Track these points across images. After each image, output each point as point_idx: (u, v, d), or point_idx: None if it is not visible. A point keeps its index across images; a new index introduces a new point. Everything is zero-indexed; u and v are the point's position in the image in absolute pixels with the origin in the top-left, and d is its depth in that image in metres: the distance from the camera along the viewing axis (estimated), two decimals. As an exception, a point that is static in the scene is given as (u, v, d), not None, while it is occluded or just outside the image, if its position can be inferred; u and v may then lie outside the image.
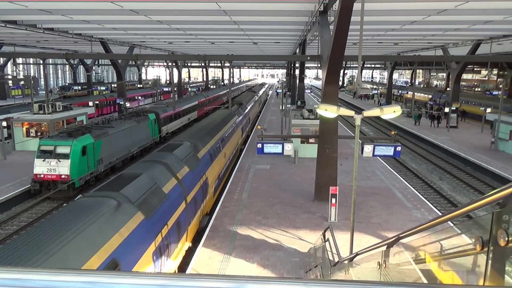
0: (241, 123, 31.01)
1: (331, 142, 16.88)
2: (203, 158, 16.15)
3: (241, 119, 31.35)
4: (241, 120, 31.26)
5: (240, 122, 30.21)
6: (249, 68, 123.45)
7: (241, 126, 30.90)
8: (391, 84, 62.67)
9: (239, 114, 31.11)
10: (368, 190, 19.31)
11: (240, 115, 31.35)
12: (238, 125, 28.95)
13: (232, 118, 27.72)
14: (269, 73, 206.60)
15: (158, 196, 10.64)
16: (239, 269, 11.74)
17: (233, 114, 29.21)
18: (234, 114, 29.66)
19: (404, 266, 3.59)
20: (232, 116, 28.32)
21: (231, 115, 28.24)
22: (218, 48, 43.32)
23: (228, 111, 28.91)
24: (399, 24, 23.18)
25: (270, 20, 22.10)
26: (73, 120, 31.39)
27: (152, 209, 9.90)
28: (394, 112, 9.33)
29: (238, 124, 29.04)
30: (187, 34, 29.38)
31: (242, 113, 33.08)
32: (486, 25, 22.70)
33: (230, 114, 28.16)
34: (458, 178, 23.73)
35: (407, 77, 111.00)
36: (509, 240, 1.77)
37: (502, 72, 63.83)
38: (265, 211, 16.36)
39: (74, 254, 6.86)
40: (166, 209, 10.67)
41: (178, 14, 20.35)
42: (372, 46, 37.97)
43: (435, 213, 16.37)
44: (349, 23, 13.18)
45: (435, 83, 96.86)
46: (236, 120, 28.83)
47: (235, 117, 29.14)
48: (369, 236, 13.83)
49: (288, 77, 72.68)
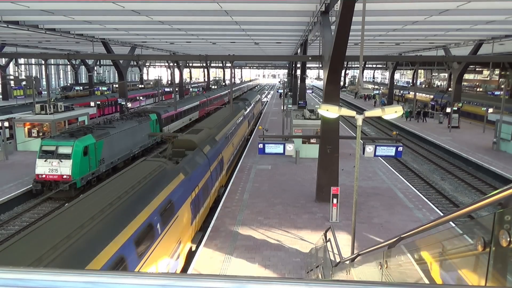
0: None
1: (332, 142, 16.87)
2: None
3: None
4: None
5: (246, 116, 33.85)
6: (251, 68, 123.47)
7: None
8: (393, 84, 62.59)
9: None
10: (370, 190, 19.29)
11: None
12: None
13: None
14: (270, 73, 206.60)
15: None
16: (240, 270, 11.74)
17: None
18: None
19: (406, 266, 3.58)
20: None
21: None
22: (220, 48, 43.35)
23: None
24: (400, 24, 23.15)
25: (272, 20, 22.10)
26: (74, 121, 31.43)
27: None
28: (395, 113, 9.32)
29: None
30: (189, 34, 29.40)
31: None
32: (488, 25, 22.66)
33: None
34: (460, 179, 23.69)
35: (409, 77, 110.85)
36: (511, 241, 1.76)
37: (504, 72, 63.70)
38: (267, 211, 16.36)
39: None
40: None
41: (180, 14, 20.37)
42: (373, 46, 37.93)
43: (436, 214, 16.34)
44: (351, 23, 13.18)
45: (436, 84, 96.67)
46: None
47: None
48: (371, 237, 13.81)
49: (289, 78, 72.68)
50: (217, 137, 19.34)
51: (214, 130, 20.11)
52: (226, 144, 20.71)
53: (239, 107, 32.77)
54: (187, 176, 12.85)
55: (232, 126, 24.52)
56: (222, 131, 21.21)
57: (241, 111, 31.86)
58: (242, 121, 30.24)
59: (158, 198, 10.35)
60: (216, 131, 20.18)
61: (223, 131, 21.47)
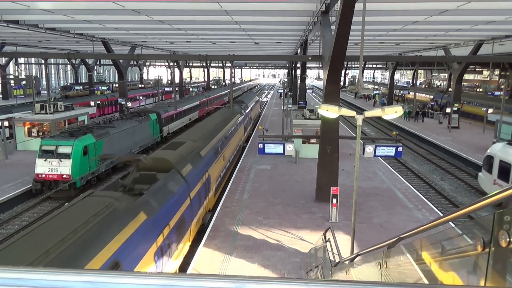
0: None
1: (332, 142, 16.87)
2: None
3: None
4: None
5: (242, 121, 30.56)
6: (251, 68, 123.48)
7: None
8: (393, 84, 62.59)
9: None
10: (370, 190, 19.29)
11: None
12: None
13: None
14: (270, 73, 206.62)
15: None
16: (240, 269, 11.74)
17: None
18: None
19: (405, 266, 3.59)
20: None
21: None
22: (220, 48, 43.34)
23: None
24: (400, 24, 23.15)
25: (272, 20, 22.09)
26: (74, 120, 31.43)
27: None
28: (395, 113, 9.32)
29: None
30: (189, 34, 29.39)
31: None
32: (488, 25, 22.66)
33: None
34: (459, 179, 23.69)
35: (409, 77, 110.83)
36: (510, 241, 1.76)
37: (504, 72, 63.70)
38: (266, 211, 16.36)
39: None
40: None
41: (180, 14, 20.36)
42: (373, 46, 37.92)
43: (436, 214, 16.34)
44: (351, 23, 13.18)
45: (436, 84, 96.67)
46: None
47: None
48: (370, 237, 13.81)
49: (289, 77, 72.69)
50: (203, 152, 16.12)
51: (200, 143, 16.72)
52: (215, 159, 17.54)
53: (234, 111, 29.47)
54: (153, 215, 9.56)
55: (223, 136, 21.10)
56: (210, 143, 17.93)
57: (236, 116, 28.76)
58: (237, 128, 27.21)
59: (93, 262, 7.05)
60: (202, 144, 16.86)
61: (212, 143, 18.20)
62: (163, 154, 13.58)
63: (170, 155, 13.39)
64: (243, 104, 36.20)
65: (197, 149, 15.71)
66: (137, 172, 11.26)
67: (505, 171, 18.01)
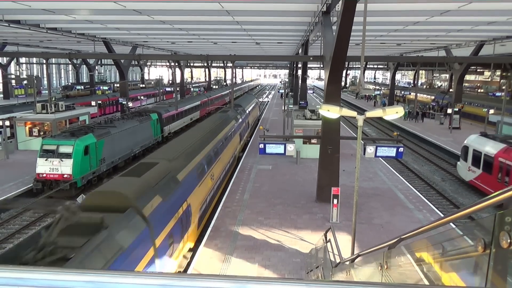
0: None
1: (333, 142, 16.86)
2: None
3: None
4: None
5: (237, 128, 26.87)
6: (252, 68, 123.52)
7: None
8: (394, 85, 62.55)
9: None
10: (370, 191, 19.28)
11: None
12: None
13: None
14: (271, 73, 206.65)
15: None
16: (240, 270, 11.74)
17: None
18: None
19: (406, 267, 3.58)
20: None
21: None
22: (221, 48, 43.35)
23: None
24: (402, 24, 23.13)
25: (273, 20, 22.10)
26: (75, 120, 31.47)
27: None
28: (396, 113, 9.32)
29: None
30: (190, 34, 29.41)
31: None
32: (489, 26, 22.63)
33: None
34: (460, 180, 23.66)
35: (410, 78, 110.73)
36: (511, 242, 1.76)
37: (505, 73, 63.58)
38: (267, 212, 16.36)
39: None
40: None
41: (181, 14, 20.38)
42: (374, 46, 37.90)
43: (437, 215, 16.32)
44: (352, 24, 13.17)
45: (438, 84, 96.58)
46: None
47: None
48: (371, 237, 13.81)
49: (290, 78, 72.68)
50: (181, 174, 12.57)
51: (178, 163, 13.13)
52: (198, 182, 14.01)
53: (228, 117, 25.49)
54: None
55: (212, 150, 17.61)
56: (193, 162, 14.22)
57: (231, 122, 24.96)
58: (231, 137, 23.50)
59: None
60: (181, 164, 13.23)
61: (195, 161, 14.48)
62: (119, 184, 9.94)
63: (129, 186, 9.78)
64: (240, 108, 32.29)
65: (172, 172, 12.19)
66: (66, 220, 6.94)
67: (477, 158, 20.98)
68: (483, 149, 20.64)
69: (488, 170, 20.03)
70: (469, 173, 21.97)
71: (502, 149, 19.35)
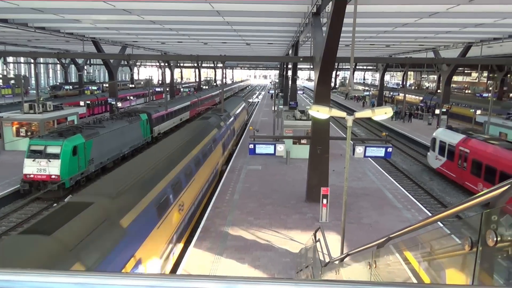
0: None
1: (322, 143, 16.94)
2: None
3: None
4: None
5: (220, 137, 23.00)
6: (242, 69, 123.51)
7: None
8: (383, 85, 63.07)
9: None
10: (359, 190, 19.41)
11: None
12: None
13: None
14: (261, 74, 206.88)
15: None
16: (230, 270, 11.73)
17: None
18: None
19: (394, 266, 3.62)
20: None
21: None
22: (211, 48, 43.28)
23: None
24: (391, 26, 23.34)
25: (263, 21, 22.12)
26: (64, 120, 31.11)
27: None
28: (385, 114, 9.39)
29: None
30: (180, 34, 29.30)
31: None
32: (477, 28, 22.95)
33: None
34: (448, 179, 23.94)
35: (399, 79, 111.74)
36: (497, 241, 1.79)
37: (492, 74, 64.53)
38: (257, 212, 16.37)
39: None
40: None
41: (171, 14, 20.29)
42: (364, 48, 38.17)
43: (425, 214, 16.49)
44: (342, 25, 13.25)
45: (426, 85, 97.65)
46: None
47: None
48: (360, 237, 13.89)
49: (280, 78, 72.83)
50: (127, 218, 9.03)
51: (122, 201, 9.41)
52: (156, 223, 10.40)
53: (209, 126, 21.85)
54: None
55: (182, 172, 13.77)
56: (148, 197, 10.42)
57: (211, 132, 21.15)
58: (211, 150, 19.61)
59: None
60: (128, 203, 9.52)
61: (152, 194, 10.69)
62: (9, 253, 6.52)
63: (24, 254, 6.50)
64: (224, 113, 28.67)
65: (113, 216, 8.70)
66: None
67: (442, 148, 23.88)
68: (447, 140, 23.54)
69: (451, 158, 22.96)
70: (436, 161, 24.88)
71: (462, 139, 22.20)
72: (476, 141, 21.29)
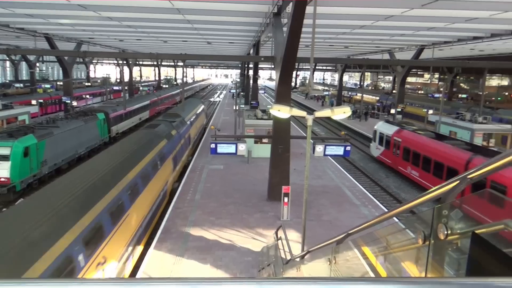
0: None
1: (284, 142, 17.12)
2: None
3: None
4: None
5: (170, 149, 19.06)
6: (203, 67, 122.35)
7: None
8: (342, 86, 64.61)
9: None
10: (319, 188, 19.79)
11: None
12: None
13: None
14: (223, 73, 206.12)
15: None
16: (192, 271, 11.61)
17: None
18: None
19: (353, 261, 3.71)
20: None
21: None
22: (171, 47, 42.55)
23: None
24: (349, 28, 23.92)
25: (224, 20, 22.02)
26: (14, 120, 29.57)
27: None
28: (344, 113, 9.63)
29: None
30: (139, 32, 28.60)
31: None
32: (429, 31, 23.98)
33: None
34: (402, 176, 24.91)
35: (357, 79, 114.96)
36: (448, 234, 1.88)
37: (443, 76, 67.82)
38: (219, 212, 16.30)
39: None
40: None
41: (129, 11, 19.75)
42: (323, 48, 38.91)
43: (381, 210, 17.07)
44: (302, 26, 13.43)
45: (382, 86, 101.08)
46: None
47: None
48: (320, 234, 14.17)
49: (242, 78, 72.86)
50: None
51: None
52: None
53: (156, 137, 17.85)
54: None
55: (107, 209, 10.01)
56: (42, 261, 6.84)
57: (159, 145, 17.12)
58: (156, 169, 15.58)
59: None
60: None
61: (49, 255, 7.11)
62: None
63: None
64: (177, 118, 24.30)
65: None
66: None
67: (381, 139, 27.55)
68: (384, 132, 27.19)
69: (387, 147, 26.56)
70: (377, 151, 28.58)
71: (396, 130, 25.83)
72: (407, 131, 25.13)
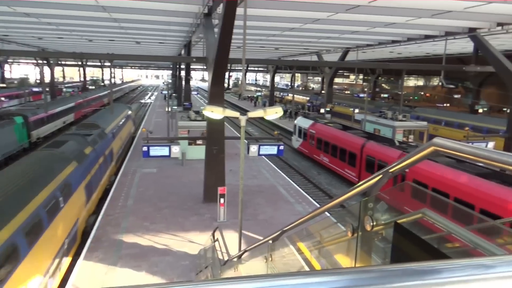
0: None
1: (218, 143, 17.10)
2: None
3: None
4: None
5: (82, 175, 14.96)
6: (132, 68, 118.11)
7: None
8: (273, 86, 65.99)
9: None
10: (255, 188, 20.04)
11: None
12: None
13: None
14: (153, 74, 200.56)
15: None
16: (125, 280, 11.17)
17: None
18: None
19: (289, 257, 3.81)
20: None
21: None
22: (97, 46, 40.53)
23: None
24: (279, 30, 24.50)
25: (153, 19, 21.45)
26: None
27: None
28: (276, 113, 9.85)
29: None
30: (60, 29, 26.86)
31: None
32: (353, 35, 25.33)
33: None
34: (333, 172, 26.08)
35: (288, 80, 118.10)
36: (373, 225, 2.00)
37: (366, 77, 72.03)
38: (153, 216, 15.86)
39: None
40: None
41: (49, 7, 18.48)
42: (255, 50, 39.46)
43: (314, 206, 17.72)
44: (233, 27, 13.50)
45: (312, 86, 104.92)
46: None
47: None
48: (257, 233, 14.36)
49: (173, 79, 71.49)
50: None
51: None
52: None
53: (62, 160, 13.78)
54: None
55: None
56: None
57: (63, 171, 13.07)
58: (56, 207, 11.51)
59: None
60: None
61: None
62: None
63: None
64: (95, 130, 20.20)
65: None
66: None
67: (300, 132, 31.05)
68: (302, 125, 30.62)
69: (305, 139, 29.94)
70: (297, 143, 31.87)
71: (311, 124, 29.40)
72: (319, 124, 28.74)
